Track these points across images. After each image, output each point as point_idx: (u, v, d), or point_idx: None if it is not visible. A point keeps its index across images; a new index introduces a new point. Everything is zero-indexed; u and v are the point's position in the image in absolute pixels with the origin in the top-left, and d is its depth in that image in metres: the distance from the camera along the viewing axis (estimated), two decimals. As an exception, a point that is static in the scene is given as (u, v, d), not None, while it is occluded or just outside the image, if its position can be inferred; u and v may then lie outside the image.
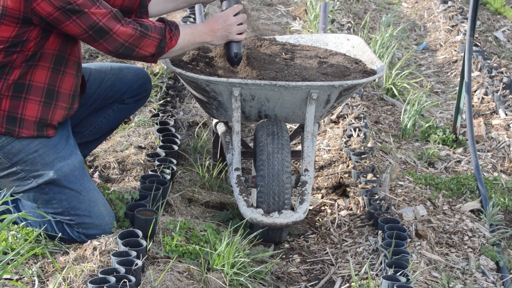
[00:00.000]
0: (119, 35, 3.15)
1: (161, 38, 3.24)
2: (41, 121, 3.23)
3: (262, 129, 3.58)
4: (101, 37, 3.14)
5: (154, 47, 3.23)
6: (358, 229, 3.77)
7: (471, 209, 3.99)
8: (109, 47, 3.17)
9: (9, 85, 3.18)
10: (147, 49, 3.23)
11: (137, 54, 3.23)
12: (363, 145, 4.47)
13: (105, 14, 3.11)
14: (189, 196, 3.90)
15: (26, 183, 3.27)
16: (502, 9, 7.98)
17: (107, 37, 3.14)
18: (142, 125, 4.58)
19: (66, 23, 3.08)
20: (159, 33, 3.23)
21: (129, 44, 3.18)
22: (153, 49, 3.24)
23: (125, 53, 3.21)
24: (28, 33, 3.11)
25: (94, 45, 3.17)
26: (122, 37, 3.16)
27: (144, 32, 3.20)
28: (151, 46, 3.23)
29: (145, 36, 3.20)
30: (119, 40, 3.16)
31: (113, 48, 3.18)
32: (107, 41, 3.15)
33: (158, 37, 3.23)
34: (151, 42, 3.22)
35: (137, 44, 3.19)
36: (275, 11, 7.99)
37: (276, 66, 3.68)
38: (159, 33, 3.23)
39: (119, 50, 3.19)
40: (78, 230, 3.30)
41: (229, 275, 3.09)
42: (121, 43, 3.17)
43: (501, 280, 3.44)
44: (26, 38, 3.11)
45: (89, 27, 3.10)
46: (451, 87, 6.18)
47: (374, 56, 3.89)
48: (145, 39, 3.20)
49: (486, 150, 4.86)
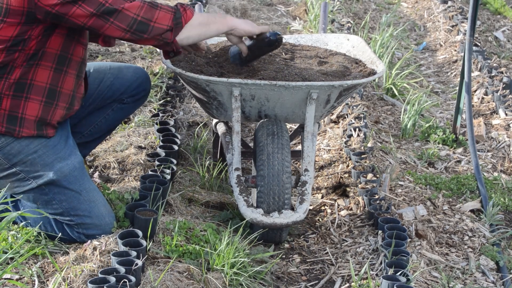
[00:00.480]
0: (128, 9, 3.04)
1: (174, 10, 3.13)
2: (40, 120, 3.23)
3: (262, 129, 3.58)
4: (110, 15, 3.03)
5: (169, 19, 3.10)
6: (358, 229, 3.77)
7: (471, 209, 3.99)
8: (122, 24, 3.05)
9: (11, 85, 3.17)
10: (163, 21, 3.09)
11: (153, 30, 3.09)
12: (363, 145, 4.47)
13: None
14: (189, 196, 3.90)
15: (26, 183, 3.27)
16: (502, 9, 7.98)
17: (117, 14, 3.03)
18: (142, 125, 4.58)
19: (73, 10, 3.01)
20: (171, 7, 3.14)
21: (142, 18, 3.06)
22: (169, 21, 3.10)
23: (141, 29, 3.08)
24: (30, 31, 3.09)
25: (105, 28, 3.05)
26: (132, 11, 3.04)
27: (154, 4, 3.09)
28: (165, 18, 3.09)
29: (156, 8, 3.09)
30: (129, 14, 3.05)
31: (126, 25, 3.06)
32: (118, 19, 3.04)
33: (170, 10, 3.12)
34: (164, 14, 3.10)
35: (150, 17, 3.07)
36: (275, 11, 7.99)
37: (276, 66, 3.68)
38: (171, 7, 3.14)
39: (133, 27, 3.06)
40: (78, 230, 3.30)
41: (229, 275, 3.09)
42: (133, 18, 3.05)
43: (501, 280, 3.44)
44: (28, 36, 3.10)
45: (96, 8, 3.01)
46: (451, 87, 6.18)
47: (374, 56, 3.89)
48: (156, 10, 3.08)
49: (486, 150, 4.86)
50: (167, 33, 3.13)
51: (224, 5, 7.87)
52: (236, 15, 7.76)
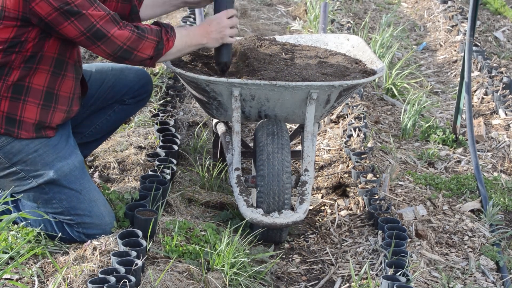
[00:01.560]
0: (117, 37, 3.14)
1: (158, 39, 3.24)
2: (39, 123, 3.23)
3: (262, 129, 3.58)
4: (98, 40, 3.13)
5: (152, 49, 3.23)
6: (358, 229, 3.77)
7: (471, 209, 3.99)
8: (107, 50, 3.16)
9: (8, 86, 3.18)
10: (145, 51, 3.22)
11: (135, 58, 3.22)
12: (363, 145, 4.47)
13: (102, 17, 3.10)
14: (189, 196, 3.90)
15: (26, 183, 3.27)
16: (502, 9, 7.98)
17: (105, 39, 3.13)
18: (142, 125, 4.58)
19: (64, 25, 3.07)
20: (156, 35, 3.23)
21: (127, 47, 3.17)
22: (151, 51, 3.23)
23: (123, 56, 3.20)
24: (27, 34, 3.11)
25: (92, 48, 3.16)
26: (120, 40, 3.15)
27: (141, 35, 3.19)
28: (149, 48, 3.22)
29: (143, 39, 3.19)
30: (117, 42, 3.15)
31: (111, 51, 3.17)
32: (105, 44, 3.14)
33: (155, 39, 3.23)
34: (149, 44, 3.21)
35: (135, 47, 3.19)
36: (275, 11, 7.99)
37: (276, 66, 3.68)
38: (156, 35, 3.23)
39: (117, 53, 3.18)
40: (78, 230, 3.30)
41: (229, 275, 3.09)
42: (119, 46, 3.16)
43: (501, 280, 3.44)
44: (24, 39, 3.11)
45: (86, 29, 3.09)
46: (451, 87, 6.18)
47: (374, 56, 3.89)
48: (143, 41, 3.20)
49: (486, 150, 4.86)
50: (146, 61, 3.28)
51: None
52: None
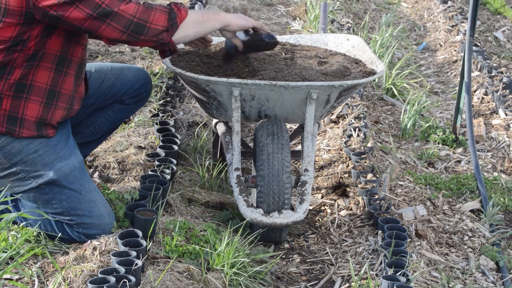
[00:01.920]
0: (125, 10, 3.05)
1: (168, 10, 3.15)
2: (40, 121, 3.23)
3: (262, 129, 3.58)
4: (107, 17, 3.04)
5: (165, 19, 3.13)
6: (358, 229, 3.77)
7: (471, 209, 3.99)
8: (119, 26, 3.07)
9: (11, 85, 3.17)
10: (158, 22, 3.12)
11: (149, 31, 3.11)
12: (363, 145, 4.47)
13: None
14: (189, 196, 3.90)
15: (26, 183, 3.27)
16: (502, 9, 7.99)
17: (113, 15, 3.04)
18: (142, 125, 4.58)
19: (70, 11, 3.01)
20: (165, 6, 3.17)
21: (138, 19, 3.08)
22: (165, 22, 3.13)
23: (137, 30, 3.10)
24: (29, 32, 3.09)
25: (102, 28, 3.06)
26: (128, 12, 3.06)
27: (149, 5, 3.12)
28: (161, 19, 3.12)
29: (151, 9, 3.11)
30: (126, 16, 3.06)
31: (123, 26, 3.07)
32: (114, 19, 3.06)
33: (165, 10, 3.14)
34: (160, 14, 3.12)
35: (146, 18, 3.09)
36: (275, 11, 7.99)
37: (276, 66, 3.68)
38: (165, 6, 3.17)
39: (129, 28, 3.08)
40: (78, 230, 3.30)
41: (229, 275, 3.10)
42: (129, 20, 3.07)
43: (501, 280, 3.44)
44: (27, 37, 3.10)
45: (92, 10, 3.02)
46: (451, 87, 6.18)
47: (374, 56, 3.89)
48: (152, 11, 3.11)
49: (486, 150, 4.86)
50: (163, 34, 3.15)
51: (224, 5, 7.87)
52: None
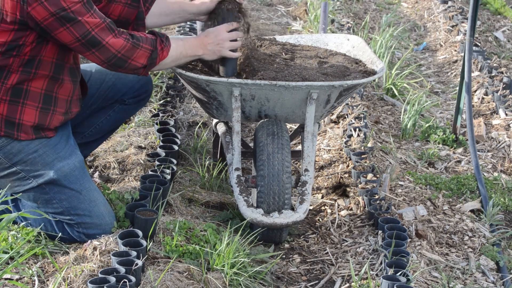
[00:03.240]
0: (112, 45, 3.14)
1: (152, 49, 3.24)
2: (38, 126, 3.24)
3: (262, 129, 3.58)
4: (93, 47, 3.13)
5: (146, 58, 3.23)
6: (358, 229, 3.77)
7: (471, 209, 3.99)
8: (102, 57, 3.16)
9: (7, 90, 3.18)
10: (139, 60, 3.22)
11: (129, 66, 3.22)
12: (363, 145, 4.47)
13: (98, 24, 3.10)
14: (189, 196, 3.90)
15: (26, 183, 3.27)
16: (502, 9, 7.99)
17: (100, 46, 3.13)
18: (142, 125, 4.58)
19: (60, 30, 3.07)
20: (151, 44, 3.24)
21: (122, 55, 3.17)
22: (145, 60, 3.23)
23: (117, 64, 3.20)
24: (25, 38, 3.11)
25: (86, 54, 3.16)
26: (114, 48, 3.15)
27: (136, 43, 3.20)
28: (143, 57, 3.22)
29: (137, 47, 3.20)
30: (111, 50, 3.15)
31: (106, 58, 3.17)
32: (99, 51, 3.14)
33: (149, 48, 3.23)
34: (143, 53, 3.22)
35: (130, 56, 3.19)
36: (275, 11, 7.99)
37: (276, 66, 3.68)
38: (151, 44, 3.24)
39: (112, 61, 3.18)
40: (78, 230, 3.30)
41: (229, 275, 3.09)
42: (113, 54, 3.16)
43: (501, 280, 3.44)
44: (22, 42, 3.12)
45: (81, 35, 3.09)
46: (451, 87, 6.18)
47: (374, 56, 3.89)
48: (137, 50, 3.20)
49: (486, 150, 4.86)
50: (140, 70, 3.28)
51: (224, 5, 7.86)
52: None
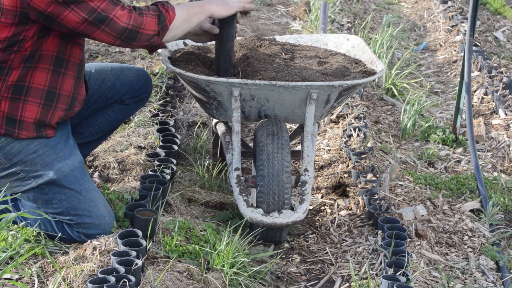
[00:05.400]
0: (120, 17, 3.09)
1: (157, 13, 3.19)
2: (39, 122, 3.23)
3: (262, 129, 3.58)
4: (102, 23, 3.06)
5: (155, 23, 3.18)
6: (358, 229, 3.77)
7: (471, 209, 3.99)
8: (113, 32, 3.10)
9: (9, 87, 3.17)
10: (150, 27, 3.16)
11: (142, 37, 3.16)
12: (363, 145, 4.48)
13: (102, 0, 3.06)
14: (189, 196, 3.90)
15: (26, 183, 3.27)
16: (502, 9, 7.99)
17: (108, 21, 3.07)
18: (142, 125, 4.58)
19: (65, 13, 3.01)
20: (154, 10, 3.20)
21: (132, 26, 3.12)
22: (155, 26, 3.18)
23: (130, 36, 3.14)
24: (25, 32, 3.09)
25: (97, 33, 3.09)
26: (122, 20, 3.09)
27: (140, 12, 3.16)
28: (152, 24, 3.17)
29: (143, 15, 3.15)
30: (120, 23, 3.09)
31: (118, 32, 3.11)
32: (109, 26, 3.08)
33: (154, 13, 3.19)
34: (151, 19, 3.17)
35: (139, 25, 3.13)
36: (275, 11, 7.99)
37: (276, 66, 3.68)
38: (154, 10, 3.20)
39: (123, 34, 3.12)
40: (78, 230, 3.30)
41: (229, 275, 3.10)
42: (123, 26, 3.10)
43: (501, 280, 3.45)
44: (23, 37, 3.09)
45: (88, 14, 3.03)
46: (451, 87, 6.18)
47: (374, 56, 3.89)
48: (144, 17, 3.15)
49: (486, 150, 4.86)
50: (154, 38, 3.21)
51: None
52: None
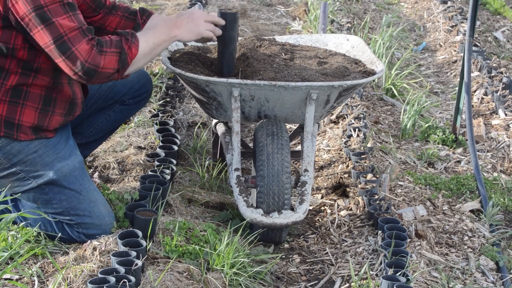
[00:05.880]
0: (81, 52, 3.01)
1: (119, 50, 3.09)
2: (37, 127, 3.23)
3: (262, 130, 3.58)
4: (63, 53, 3.01)
5: (115, 61, 3.09)
6: (358, 229, 3.77)
7: (471, 209, 3.99)
8: (72, 66, 3.03)
9: (7, 90, 3.18)
10: (109, 65, 3.08)
11: (100, 75, 3.07)
12: (363, 145, 4.48)
13: (73, 28, 3.00)
14: (189, 196, 3.90)
15: (26, 183, 3.27)
16: (501, 9, 7.99)
17: (69, 53, 3.01)
18: (141, 125, 4.58)
19: (37, 30, 3.00)
20: (116, 46, 3.09)
21: (89, 64, 3.03)
22: (115, 64, 3.09)
23: (88, 74, 3.05)
24: (14, 40, 3.08)
25: (59, 61, 3.04)
26: (83, 55, 3.02)
27: (100, 49, 3.05)
28: (111, 62, 3.08)
29: (102, 53, 3.05)
30: (80, 58, 3.02)
31: (76, 67, 3.03)
32: (69, 58, 3.02)
33: (116, 50, 3.09)
34: (110, 57, 3.07)
35: (97, 64, 3.04)
36: (275, 11, 7.99)
37: (276, 66, 3.68)
38: (116, 46, 3.09)
39: (82, 70, 3.03)
40: (78, 230, 3.30)
41: (229, 275, 3.10)
42: (82, 63, 3.03)
43: (501, 280, 3.45)
44: (13, 45, 3.08)
45: (54, 38, 3.00)
46: (451, 87, 6.18)
47: (373, 56, 3.89)
48: (102, 56, 3.05)
49: (486, 150, 4.86)
50: (114, 75, 3.13)
51: (224, 5, 7.88)
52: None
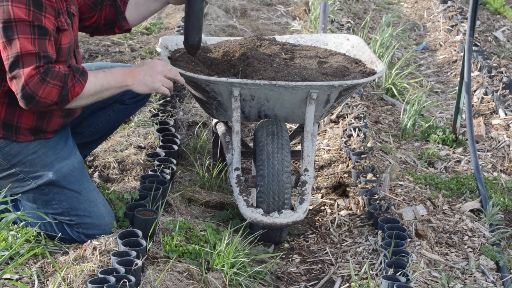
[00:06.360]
0: (25, 75, 2.95)
1: (62, 85, 3.01)
2: (36, 128, 3.23)
3: (262, 129, 3.58)
4: (12, 71, 2.97)
5: (55, 94, 3.01)
6: (358, 229, 3.77)
7: (471, 209, 3.99)
8: (16, 86, 2.99)
9: (5, 92, 3.17)
10: (48, 96, 3.00)
11: (38, 103, 3.00)
12: (363, 145, 4.48)
13: (29, 51, 2.96)
14: (189, 196, 3.90)
15: (26, 184, 3.27)
16: (501, 9, 7.99)
17: (16, 73, 2.97)
18: (142, 125, 4.58)
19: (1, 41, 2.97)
20: (61, 79, 3.00)
21: (29, 89, 2.97)
22: (55, 97, 3.02)
23: (26, 98, 2.98)
24: None
25: (8, 77, 3.00)
26: (25, 78, 2.96)
27: (43, 78, 2.97)
28: (51, 94, 3.00)
29: (43, 82, 2.98)
30: (22, 81, 2.96)
31: (17, 88, 2.99)
32: (15, 77, 2.98)
33: (59, 84, 3.00)
34: (51, 89, 3.00)
35: (36, 91, 2.97)
36: (275, 11, 7.99)
37: (276, 66, 3.69)
38: (61, 79, 3.00)
39: (21, 92, 2.98)
40: (78, 230, 3.30)
41: (229, 275, 3.10)
42: (23, 85, 2.97)
43: (501, 280, 3.45)
44: None
45: (10, 55, 2.97)
46: (451, 87, 6.18)
47: (373, 56, 3.89)
48: (43, 85, 2.98)
49: (486, 150, 4.86)
50: (52, 106, 3.07)
51: (224, 5, 7.87)
52: (235, 15, 7.76)
